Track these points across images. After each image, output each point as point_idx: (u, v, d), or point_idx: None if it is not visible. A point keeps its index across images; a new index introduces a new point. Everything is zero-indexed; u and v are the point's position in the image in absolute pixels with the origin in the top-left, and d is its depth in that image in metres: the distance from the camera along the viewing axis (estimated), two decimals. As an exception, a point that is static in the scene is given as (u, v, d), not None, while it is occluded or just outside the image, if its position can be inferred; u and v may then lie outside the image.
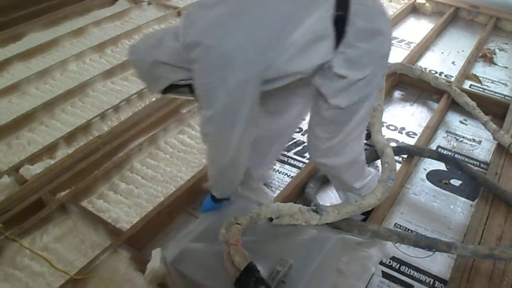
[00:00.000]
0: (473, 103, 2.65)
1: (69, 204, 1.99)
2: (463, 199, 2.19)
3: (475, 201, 2.16)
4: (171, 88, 1.53)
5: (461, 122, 2.73)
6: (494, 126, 2.51)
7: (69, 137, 2.40)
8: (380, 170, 2.10)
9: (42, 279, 1.74)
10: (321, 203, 1.99)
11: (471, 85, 3.08)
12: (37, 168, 2.21)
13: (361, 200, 1.85)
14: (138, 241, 1.85)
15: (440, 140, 2.57)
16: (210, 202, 1.85)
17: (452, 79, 2.99)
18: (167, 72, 1.46)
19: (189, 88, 1.49)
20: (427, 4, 4.02)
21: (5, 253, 1.82)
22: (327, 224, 1.84)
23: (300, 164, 2.32)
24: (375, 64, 1.49)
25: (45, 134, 2.49)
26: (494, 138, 2.49)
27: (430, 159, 2.37)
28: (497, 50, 3.50)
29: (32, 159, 2.25)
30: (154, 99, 2.71)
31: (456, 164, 2.27)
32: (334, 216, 1.79)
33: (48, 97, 2.72)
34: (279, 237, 1.71)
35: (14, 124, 2.48)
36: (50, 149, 2.33)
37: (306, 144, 2.43)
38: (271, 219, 1.69)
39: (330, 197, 2.15)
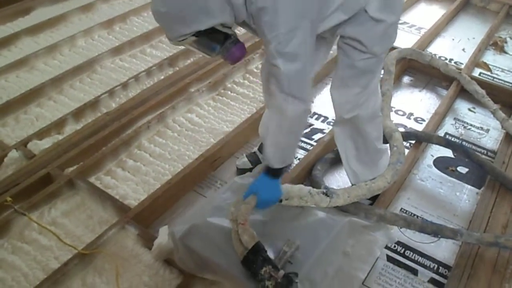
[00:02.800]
0: (483, 91, 2.64)
1: (77, 179, 2.00)
2: (469, 186, 2.20)
3: (481, 189, 2.17)
4: (202, 33, 1.37)
5: (469, 109, 2.71)
6: (503, 115, 2.50)
7: (77, 113, 2.40)
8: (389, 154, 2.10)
9: (50, 253, 1.76)
10: (328, 185, 2.00)
11: (480, 73, 3.06)
12: (45, 143, 2.21)
13: (371, 183, 1.86)
14: (145, 218, 1.87)
15: (448, 127, 2.56)
16: (267, 182, 1.61)
17: (462, 66, 2.97)
18: (217, 8, 1.32)
19: (223, 37, 1.40)
20: (439, -10, 3.98)
21: (13, 227, 1.83)
22: (335, 207, 1.86)
23: (308, 147, 2.32)
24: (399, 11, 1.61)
25: (53, 109, 2.49)
26: (502, 127, 2.48)
27: (437, 146, 2.37)
28: (508, 39, 3.47)
29: (40, 134, 2.26)
30: (162, 77, 2.70)
31: (463, 151, 2.26)
32: (344, 199, 1.80)
33: (56, 72, 2.71)
34: (286, 219, 1.72)
35: (22, 99, 2.48)
36: (58, 124, 2.33)
37: (314, 126, 2.46)
38: (280, 200, 1.69)
39: (337, 180, 2.16)
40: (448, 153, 2.37)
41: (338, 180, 2.15)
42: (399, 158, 1.99)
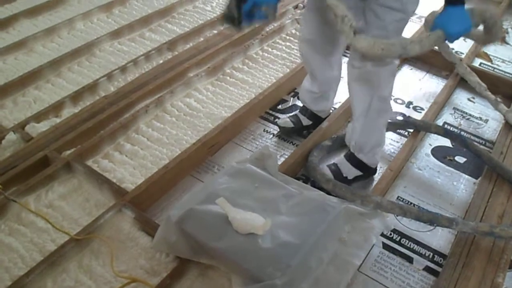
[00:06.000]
0: (484, 85, 2.61)
1: (75, 162, 1.99)
2: (466, 176, 2.20)
3: (479, 179, 2.17)
4: None
5: (469, 99, 2.71)
6: (503, 105, 2.50)
7: (76, 96, 2.39)
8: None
9: (47, 235, 1.76)
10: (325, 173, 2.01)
11: (481, 63, 3.05)
12: (43, 126, 2.21)
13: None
14: (142, 201, 1.87)
15: (447, 117, 2.56)
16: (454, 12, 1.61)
17: (463, 56, 2.96)
18: None
19: None
20: (441, -22, 3.94)
21: (10, 209, 1.83)
22: (331, 194, 1.86)
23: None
24: None
25: (51, 92, 2.47)
26: (504, 118, 2.47)
27: (435, 135, 2.37)
28: (510, 29, 3.45)
29: (38, 117, 2.25)
30: (161, 62, 2.69)
31: (462, 141, 2.26)
32: (368, 42, 1.60)
33: (55, 55, 2.69)
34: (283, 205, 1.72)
35: (20, 81, 2.46)
36: (56, 107, 2.32)
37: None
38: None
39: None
40: (446, 142, 2.37)
41: (336, 167, 2.15)
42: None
